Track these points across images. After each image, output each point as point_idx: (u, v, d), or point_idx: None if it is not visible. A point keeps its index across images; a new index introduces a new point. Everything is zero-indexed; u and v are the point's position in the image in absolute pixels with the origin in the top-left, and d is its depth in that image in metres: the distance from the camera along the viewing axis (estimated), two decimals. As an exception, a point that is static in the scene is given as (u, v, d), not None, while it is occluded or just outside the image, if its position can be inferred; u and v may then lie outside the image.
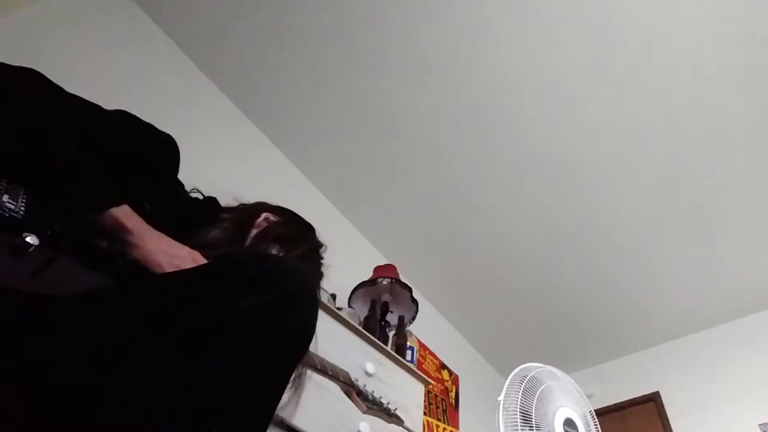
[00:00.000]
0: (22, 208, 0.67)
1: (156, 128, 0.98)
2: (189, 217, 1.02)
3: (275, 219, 1.09)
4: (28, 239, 0.63)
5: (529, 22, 2.22)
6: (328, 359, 1.29)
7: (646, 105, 2.46)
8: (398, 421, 1.49)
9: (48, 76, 0.83)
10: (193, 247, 0.86)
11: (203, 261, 0.84)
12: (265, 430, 0.70)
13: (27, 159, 0.72)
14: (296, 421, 1.18)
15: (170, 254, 0.80)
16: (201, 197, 1.11)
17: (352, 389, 1.38)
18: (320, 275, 1.12)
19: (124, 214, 0.77)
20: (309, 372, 1.03)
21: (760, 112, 2.45)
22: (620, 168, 2.71)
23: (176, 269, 0.78)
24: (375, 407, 1.42)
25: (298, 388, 0.94)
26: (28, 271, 0.64)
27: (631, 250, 3.11)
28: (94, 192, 0.76)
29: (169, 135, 0.99)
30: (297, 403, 0.87)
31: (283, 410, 0.91)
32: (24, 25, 1.75)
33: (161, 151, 0.98)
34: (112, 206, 0.76)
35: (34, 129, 0.74)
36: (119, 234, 0.77)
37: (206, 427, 0.62)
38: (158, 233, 0.82)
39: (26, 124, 0.74)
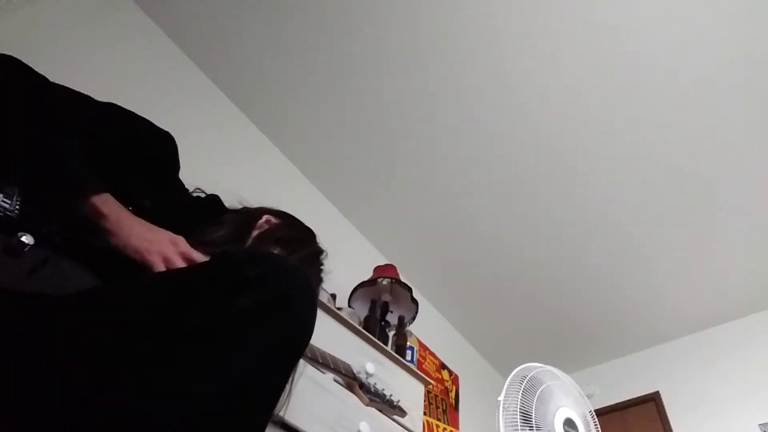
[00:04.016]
0: (17, 207, 0.66)
1: (153, 124, 0.97)
2: (192, 215, 1.01)
3: (277, 221, 1.09)
4: (23, 239, 0.63)
5: (529, 23, 2.22)
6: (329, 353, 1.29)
7: (646, 107, 2.45)
8: (401, 413, 1.48)
9: (46, 76, 0.82)
10: (193, 244, 0.85)
11: (184, 244, 0.83)
12: (264, 430, 0.70)
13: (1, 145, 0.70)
14: (296, 421, 1.18)
15: (149, 239, 0.77)
16: (203, 196, 1.11)
17: (354, 382, 1.38)
18: (320, 280, 1.11)
19: (102, 201, 0.75)
20: (301, 367, 1.02)
21: (760, 113, 2.45)
22: (620, 168, 2.70)
23: (158, 255, 0.77)
24: (377, 399, 1.42)
25: (291, 382, 0.93)
26: (24, 270, 0.64)
27: (631, 250, 3.10)
28: (72, 178, 0.73)
29: (166, 131, 0.99)
30: (288, 397, 0.86)
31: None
32: (24, 25, 1.75)
33: (158, 145, 0.97)
34: (92, 194, 0.73)
35: (9, 113, 0.72)
36: (95, 221, 0.74)
37: (204, 427, 0.62)
38: (137, 219, 0.79)
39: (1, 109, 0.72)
